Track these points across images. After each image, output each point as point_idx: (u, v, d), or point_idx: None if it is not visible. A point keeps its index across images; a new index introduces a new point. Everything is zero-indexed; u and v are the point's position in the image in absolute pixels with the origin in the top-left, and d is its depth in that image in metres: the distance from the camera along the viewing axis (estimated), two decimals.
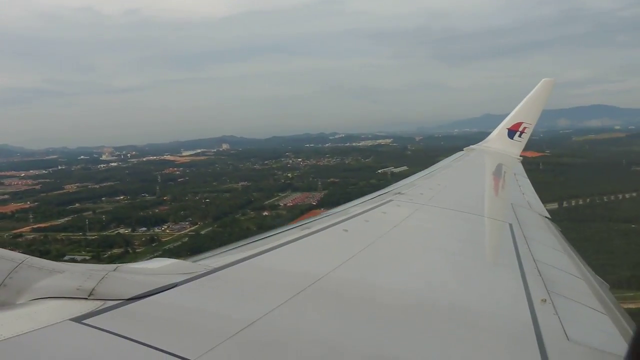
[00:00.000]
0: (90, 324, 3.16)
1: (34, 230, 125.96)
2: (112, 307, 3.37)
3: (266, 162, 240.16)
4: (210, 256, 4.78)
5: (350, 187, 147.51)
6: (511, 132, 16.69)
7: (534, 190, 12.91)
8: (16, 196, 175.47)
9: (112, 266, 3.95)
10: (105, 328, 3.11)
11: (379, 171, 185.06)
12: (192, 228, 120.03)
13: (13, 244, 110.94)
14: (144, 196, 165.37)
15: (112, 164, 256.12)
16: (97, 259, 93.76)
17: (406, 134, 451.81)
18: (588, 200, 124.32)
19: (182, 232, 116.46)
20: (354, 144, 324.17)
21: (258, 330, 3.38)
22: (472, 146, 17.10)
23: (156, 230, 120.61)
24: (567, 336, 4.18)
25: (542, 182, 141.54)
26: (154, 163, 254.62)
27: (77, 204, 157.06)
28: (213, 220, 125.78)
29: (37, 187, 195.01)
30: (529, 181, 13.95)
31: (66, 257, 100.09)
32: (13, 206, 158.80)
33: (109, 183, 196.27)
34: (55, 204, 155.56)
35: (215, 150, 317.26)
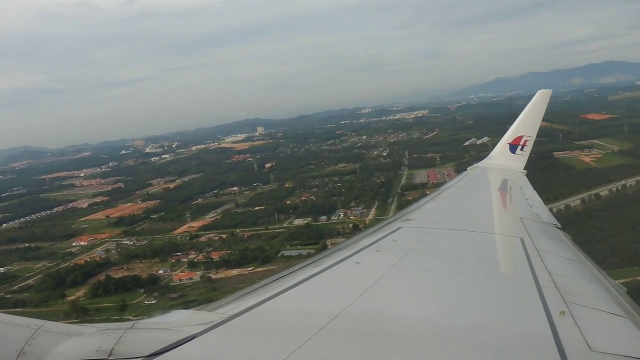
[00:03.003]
0: None
1: (202, 228, 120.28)
2: None
3: (329, 142, 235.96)
4: (226, 303, 4.73)
5: (461, 159, 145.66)
6: (513, 147, 16.86)
7: (541, 201, 12.87)
8: (115, 197, 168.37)
9: (129, 323, 3.87)
10: None
11: (466, 144, 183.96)
12: (374, 212, 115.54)
13: (207, 245, 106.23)
14: (259, 185, 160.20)
15: (165, 156, 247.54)
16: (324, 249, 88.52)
17: (425, 104, 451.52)
18: None
19: (371, 217, 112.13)
20: (390, 118, 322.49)
21: None
22: (475, 164, 17.14)
23: (337, 218, 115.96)
24: (589, 346, 4.17)
25: None
26: (210, 152, 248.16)
27: (199, 199, 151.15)
28: (383, 203, 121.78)
29: (121, 185, 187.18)
30: (535, 193, 13.85)
31: (281, 254, 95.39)
32: (130, 207, 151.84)
33: (192, 175, 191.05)
34: (178, 201, 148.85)
35: (258, 134, 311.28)
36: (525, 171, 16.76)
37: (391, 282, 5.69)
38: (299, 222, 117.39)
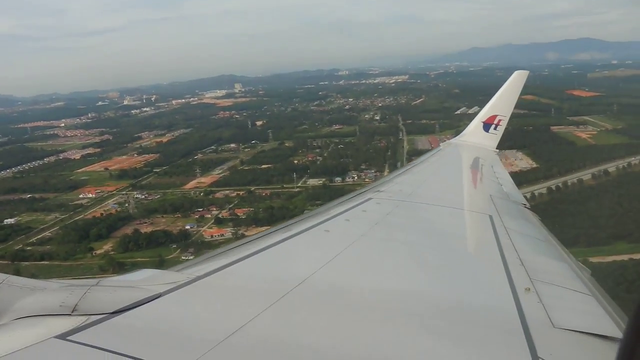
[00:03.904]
0: (76, 340, 3.09)
1: (213, 184, 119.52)
2: (97, 322, 3.30)
3: (315, 102, 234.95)
4: (193, 264, 4.74)
5: (458, 127, 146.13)
6: (486, 126, 16.78)
7: (512, 181, 13.20)
8: (107, 149, 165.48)
9: (94, 280, 3.89)
10: (90, 343, 3.06)
11: (457, 112, 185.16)
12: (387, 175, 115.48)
13: (227, 202, 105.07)
14: (257, 143, 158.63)
15: (145, 109, 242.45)
16: None
17: (402, 70, 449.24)
18: None
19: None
20: (370, 81, 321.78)
21: (244, 337, 3.37)
22: (449, 140, 17.53)
23: (352, 180, 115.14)
24: (552, 323, 4.26)
25: None
26: (193, 107, 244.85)
27: (198, 154, 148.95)
28: (394, 167, 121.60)
29: (109, 138, 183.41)
30: (506, 172, 14.25)
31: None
32: (128, 160, 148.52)
33: (182, 130, 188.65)
34: (178, 156, 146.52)
35: (237, 91, 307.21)
36: (498, 150, 16.66)
37: (359, 251, 5.71)
38: (313, 182, 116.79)
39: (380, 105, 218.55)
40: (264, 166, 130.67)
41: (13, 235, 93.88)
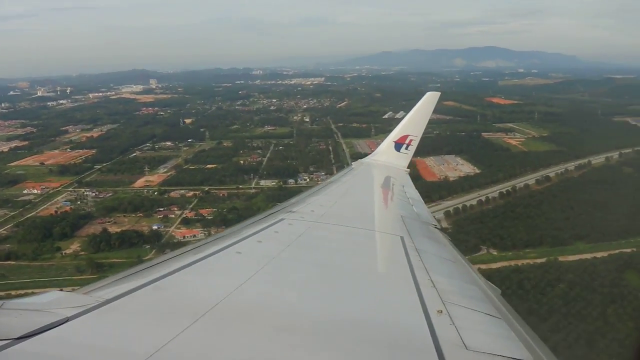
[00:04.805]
0: None
1: (163, 183, 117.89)
2: (1, 348, 3.15)
3: (239, 101, 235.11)
4: (102, 286, 4.64)
5: (389, 131, 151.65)
6: (398, 145, 16.91)
7: (422, 201, 13.28)
8: (34, 142, 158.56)
9: None
10: None
11: (385, 117, 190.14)
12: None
13: (185, 202, 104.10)
14: (194, 142, 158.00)
15: (62, 102, 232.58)
16: None
17: (313, 71, 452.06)
18: None
19: None
20: (287, 82, 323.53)
21: None
22: (360, 160, 17.29)
23: (304, 182, 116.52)
24: (465, 345, 4.31)
25: (585, 130, 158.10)
26: (114, 101, 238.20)
27: (136, 152, 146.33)
28: (341, 170, 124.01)
29: (32, 130, 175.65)
30: (417, 192, 14.21)
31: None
32: (62, 155, 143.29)
33: (109, 125, 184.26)
34: (116, 153, 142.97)
35: (154, 87, 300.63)
36: (409, 170, 16.68)
37: (271, 273, 5.66)
38: (266, 183, 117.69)
39: (305, 107, 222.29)
40: (209, 166, 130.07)
41: None
